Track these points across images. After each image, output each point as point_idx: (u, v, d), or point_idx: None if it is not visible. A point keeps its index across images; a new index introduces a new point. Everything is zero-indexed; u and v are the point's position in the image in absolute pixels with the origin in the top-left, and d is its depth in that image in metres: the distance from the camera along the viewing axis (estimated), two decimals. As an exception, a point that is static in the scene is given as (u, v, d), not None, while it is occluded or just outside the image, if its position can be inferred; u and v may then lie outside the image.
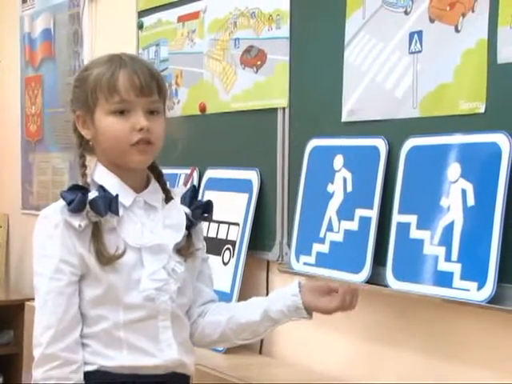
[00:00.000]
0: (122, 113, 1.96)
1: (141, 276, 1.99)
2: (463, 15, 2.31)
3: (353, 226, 2.59)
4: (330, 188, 2.69)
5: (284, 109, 2.93)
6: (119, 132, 1.96)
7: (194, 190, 2.19)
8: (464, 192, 2.27)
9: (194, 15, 3.40)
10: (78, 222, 1.94)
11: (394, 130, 2.52)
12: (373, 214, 2.53)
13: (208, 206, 2.17)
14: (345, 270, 2.58)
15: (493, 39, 2.23)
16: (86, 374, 1.97)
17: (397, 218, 2.45)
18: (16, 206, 5.06)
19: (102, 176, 2.03)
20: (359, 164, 2.61)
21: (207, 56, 3.32)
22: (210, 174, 3.27)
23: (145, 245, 2.00)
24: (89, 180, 2.02)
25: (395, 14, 2.51)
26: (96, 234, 1.95)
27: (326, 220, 2.68)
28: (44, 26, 4.70)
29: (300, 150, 2.82)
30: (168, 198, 2.11)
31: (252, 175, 3.04)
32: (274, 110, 2.97)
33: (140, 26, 3.77)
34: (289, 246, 2.87)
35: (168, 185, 2.15)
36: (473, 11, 2.28)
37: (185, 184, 2.44)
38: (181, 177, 3.32)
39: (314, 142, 2.78)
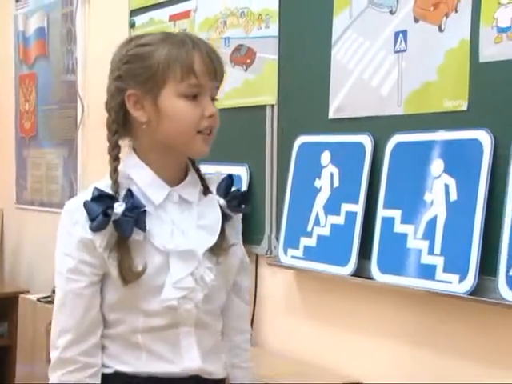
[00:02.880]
0: (194, 97, 1.72)
1: (165, 282, 1.74)
2: (446, 15, 2.33)
3: (339, 220, 2.60)
4: (318, 183, 2.70)
5: (273, 106, 2.94)
6: (191, 117, 1.72)
7: (230, 180, 1.91)
8: (447, 187, 2.28)
9: (185, 14, 3.41)
10: (98, 240, 1.71)
11: (380, 127, 2.53)
12: (358, 208, 2.54)
13: (244, 197, 1.92)
14: (331, 263, 2.60)
15: (475, 39, 2.24)
16: (103, 377, 1.79)
17: (382, 212, 2.47)
18: (10, 200, 5.06)
19: (135, 168, 1.78)
20: (346, 160, 2.63)
21: (198, 54, 3.32)
22: (201, 169, 3.26)
23: (174, 249, 1.75)
24: (119, 175, 1.76)
25: (381, 13, 2.53)
26: (120, 248, 1.72)
27: (313, 214, 2.70)
28: (38, 25, 4.69)
29: (288, 147, 2.83)
30: (206, 190, 1.85)
31: (241, 171, 3.05)
32: (263, 108, 2.98)
33: (132, 25, 3.77)
34: (277, 239, 2.88)
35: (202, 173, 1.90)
36: (456, 12, 2.30)
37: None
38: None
39: (301, 139, 2.80)
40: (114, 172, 1.76)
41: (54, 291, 3.56)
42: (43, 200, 4.71)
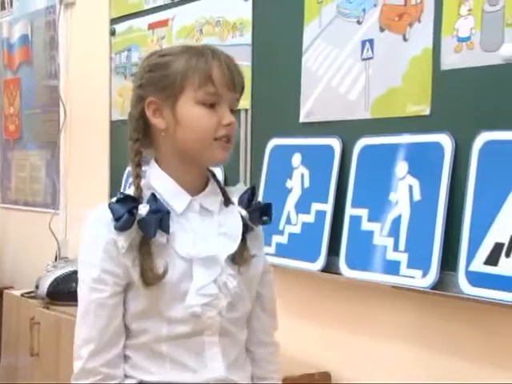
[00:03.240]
0: (211, 105, 1.67)
1: (188, 289, 1.68)
2: (410, 25, 2.35)
3: (309, 218, 2.61)
4: (289, 184, 2.71)
5: (247, 110, 2.95)
6: (207, 124, 1.67)
7: (253, 191, 1.83)
8: (411, 188, 2.30)
9: (163, 23, 3.41)
10: (122, 241, 1.65)
11: (348, 131, 2.54)
12: (328, 207, 2.55)
13: (267, 209, 1.83)
14: (302, 260, 2.61)
15: (437, 47, 2.27)
16: None
17: (350, 211, 2.48)
18: (-5, 200, 5.05)
19: (156, 177, 1.73)
20: (316, 162, 2.64)
21: (175, 61, 3.33)
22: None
23: (196, 256, 1.69)
24: (142, 182, 1.72)
25: (349, 23, 2.55)
26: (143, 250, 1.67)
27: (285, 213, 2.71)
28: (22, 32, 4.67)
29: (261, 149, 2.84)
30: (226, 200, 1.78)
31: (216, 171, 3.04)
32: (238, 111, 2.97)
33: (112, 33, 3.77)
34: (251, 237, 2.89)
35: (223, 184, 1.83)
36: (419, 22, 2.32)
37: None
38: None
39: (274, 141, 2.81)
40: (137, 177, 1.71)
41: (37, 287, 3.60)
42: (27, 199, 4.70)
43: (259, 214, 1.80)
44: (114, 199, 1.69)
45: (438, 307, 2.32)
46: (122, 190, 1.76)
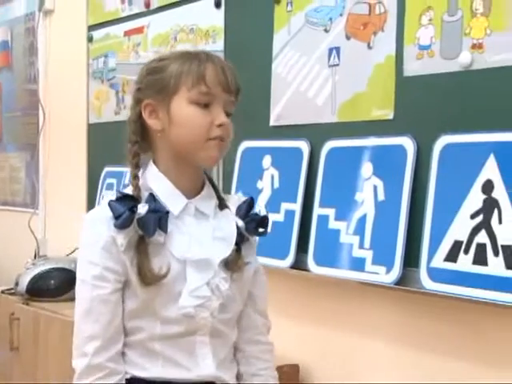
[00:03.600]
0: (206, 105, 1.64)
1: (182, 290, 1.65)
2: (375, 34, 2.37)
3: (279, 218, 2.62)
4: (260, 184, 2.72)
5: (219, 114, 2.95)
6: (200, 124, 1.64)
7: (251, 202, 1.80)
8: (375, 188, 2.32)
9: (139, 30, 3.41)
10: (121, 239, 1.63)
11: (316, 134, 2.55)
12: (297, 207, 2.56)
13: (263, 221, 1.79)
14: (272, 257, 2.60)
15: (399, 55, 2.28)
16: None
17: (317, 210, 2.49)
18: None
19: (154, 179, 1.70)
20: (285, 163, 2.65)
21: (151, 66, 3.33)
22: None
23: (191, 258, 1.66)
24: (140, 183, 1.69)
25: (316, 31, 2.56)
26: (140, 249, 1.64)
27: (255, 213, 2.71)
28: (2, 38, 4.65)
29: (233, 151, 2.82)
30: (222, 205, 1.75)
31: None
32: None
33: (90, 39, 3.76)
34: (223, 236, 2.89)
35: (221, 191, 1.80)
36: (383, 31, 2.34)
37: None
38: (127, 174, 3.31)
39: (245, 144, 2.81)
40: (135, 178, 1.68)
41: (17, 283, 3.58)
42: (7, 199, 4.68)
43: (255, 225, 1.77)
44: (113, 197, 1.66)
45: (402, 302, 2.34)
46: (118, 189, 1.74)
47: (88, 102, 3.77)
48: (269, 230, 1.81)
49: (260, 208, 1.82)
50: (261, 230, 1.79)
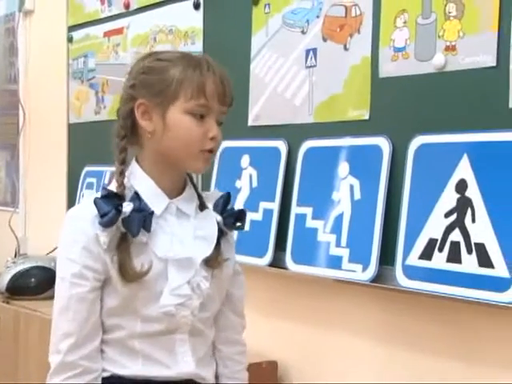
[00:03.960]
0: (201, 117, 1.64)
1: (163, 289, 1.65)
2: (351, 36, 2.38)
3: (258, 216, 2.63)
4: (238, 184, 2.73)
5: (198, 114, 2.96)
6: (194, 135, 1.64)
7: (228, 197, 1.80)
8: (352, 187, 2.33)
9: (119, 31, 3.41)
10: (104, 237, 1.62)
11: (293, 134, 2.57)
12: (275, 206, 2.58)
13: (241, 215, 1.80)
14: (250, 255, 2.62)
15: (375, 57, 2.31)
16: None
17: (295, 209, 2.51)
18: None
19: (137, 178, 1.69)
20: (263, 163, 2.66)
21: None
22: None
23: (173, 257, 1.66)
24: (125, 181, 1.68)
25: (294, 33, 2.58)
26: (122, 248, 1.64)
27: (234, 212, 2.72)
28: (-18, 39, 4.64)
29: (212, 151, 2.86)
30: (202, 205, 1.75)
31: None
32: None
33: (70, 40, 3.76)
34: (202, 234, 2.89)
35: (200, 190, 1.80)
36: (359, 33, 2.36)
37: (110, 180, 1.92)
38: (107, 173, 3.32)
39: (224, 144, 2.71)
40: (120, 174, 1.67)
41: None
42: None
43: (233, 219, 1.78)
44: (99, 195, 1.65)
45: (378, 299, 2.36)
46: (104, 186, 1.72)
47: (68, 102, 3.77)
48: (246, 224, 1.83)
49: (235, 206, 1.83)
50: (238, 224, 1.79)
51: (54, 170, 3.93)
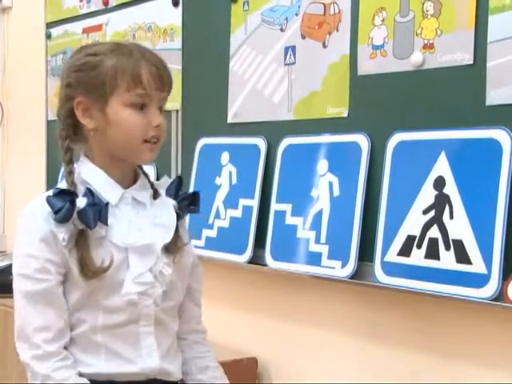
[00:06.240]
0: (141, 106, 1.63)
1: (125, 278, 1.64)
2: (329, 33, 2.39)
3: (237, 213, 2.64)
4: (218, 181, 2.73)
5: (177, 111, 2.96)
6: (137, 126, 1.62)
7: (180, 181, 1.80)
8: (331, 184, 2.34)
9: (98, 28, 3.40)
10: (62, 233, 1.60)
11: (272, 131, 2.58)
12: (254, 203, 2.58)
13: (195, 198, 1.80)
14: (230, 252, 2.63)
15: (354, 54, 2.31)
16: None
17: (274, 206, 2.51)
18: None
19: (88, 172, 1.68)
20: (243, 160, 2.66)
21: (109, 64, 3.32)
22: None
23: (132, 244, 1.65)
24: (75, 177, 1.67)
25: (272, 30, 2.58)
26: (81, 244, 1.62)
27: (214, 209, 2.72)
28: (-40, 35, 4.61)
29: (191, 148, 2.86)
30: (156, 194, 1.75)
31: (149, 170, 3.02)
32: (169, 112, 2.97)
33: (48, 36, 3.74)
34: (182, 231, 2.89)
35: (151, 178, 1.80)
36: (337, 31, 2.37)
37: (61, 179, 1.85)
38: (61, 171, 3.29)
39: (203, 141, 2.83)
40: (70, 174, 1.67)
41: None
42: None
43: (187, 203, 1.78)
44: (50, 193, 1.64)
45: (357, 295, 2.37)
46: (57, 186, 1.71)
47: (47, 99, 3.75)
48: (199, 206, 1.82)
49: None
50: (192, 207, 1.80)
51: (32, 167, 3.91)
